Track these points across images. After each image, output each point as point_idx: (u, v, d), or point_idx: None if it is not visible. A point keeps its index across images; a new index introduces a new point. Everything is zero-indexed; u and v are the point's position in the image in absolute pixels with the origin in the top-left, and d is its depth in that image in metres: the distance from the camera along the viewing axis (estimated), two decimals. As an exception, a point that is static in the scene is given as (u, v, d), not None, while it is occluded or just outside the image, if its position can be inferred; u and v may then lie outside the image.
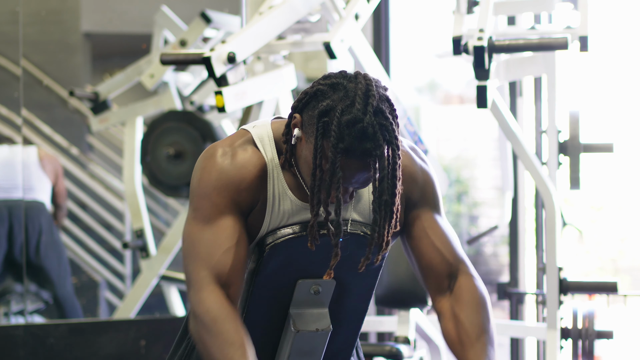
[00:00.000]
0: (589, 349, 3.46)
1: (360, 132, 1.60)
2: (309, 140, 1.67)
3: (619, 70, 6.93)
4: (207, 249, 1.69)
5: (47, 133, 4.84)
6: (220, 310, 1.66)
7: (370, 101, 1.61)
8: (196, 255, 1.70)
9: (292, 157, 1.73)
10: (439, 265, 1.80)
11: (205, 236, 1.70)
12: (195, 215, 1.72)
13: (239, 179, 1.71)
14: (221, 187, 1.71)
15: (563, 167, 3.67)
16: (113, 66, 5.04)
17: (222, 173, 1.71)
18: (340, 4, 3.02)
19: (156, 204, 5.09)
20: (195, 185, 1.74)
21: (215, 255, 1.69)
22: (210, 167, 1.72)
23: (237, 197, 1.71)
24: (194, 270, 1.70)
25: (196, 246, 1.71)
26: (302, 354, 1.84)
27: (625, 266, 7.47)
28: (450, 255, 1.81)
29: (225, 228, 1.70)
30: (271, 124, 1.79)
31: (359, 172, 1.64)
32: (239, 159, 1.72)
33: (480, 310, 1.78)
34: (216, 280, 1.68)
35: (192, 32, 3.95)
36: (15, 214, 4.28)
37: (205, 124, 4.04)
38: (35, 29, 4.63)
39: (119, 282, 5.04)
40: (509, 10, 3.63)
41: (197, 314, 1.67)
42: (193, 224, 1.72)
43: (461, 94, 8.01)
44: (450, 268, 1.81)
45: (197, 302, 1.68)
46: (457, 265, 1.81)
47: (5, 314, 4.33)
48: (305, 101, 1.69)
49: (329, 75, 1.69)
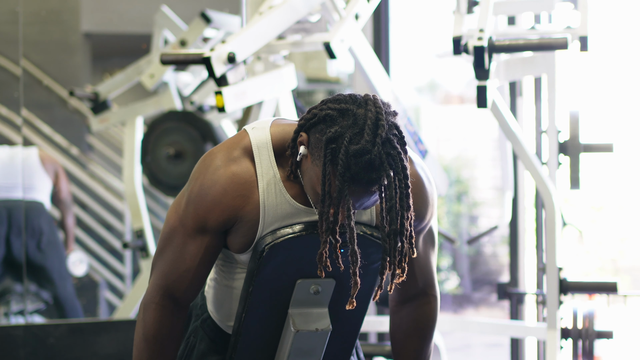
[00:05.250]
0: (589, 349, 3.46)
1: (368, 163, 1.61)
2: (315, 162, 1.67)
3: (619, 70, 6.93)
4: (173, 258, 1.79)
5: (47, 133, 4.84)
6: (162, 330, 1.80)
7: (379, 132, 1.62)
8: (164, 257, 1.80)
9: (298, 170, 1.74)
10: (409, 285, 1.88)
11: (177, 243, 1.78)
12: (179, 212, 1.79)
13: (216, 201, 1.74)
14: (199, 207, 1.75)
15: (563, 167, 3.67)
16: (113, 66, 5.04)
17: (203, 191, 1.75)
18: (340, 4, 3.02)
19: (156, 204, 5.09)
20: (190, 185, 1.79)
21: (177, 270, 1.78)
22: (201, 179, 1.77)
23: (211, 218, 1.75)
24: (157, 270, 1.81)
25: (168, 246, 1.79)
26: (302, 354, 1.84)
27: (625, 266, 7.47)
28: (422, 280, 1.90)
29: (194, 246, 1.77)
30: (271, 127, 1.79)
31: (365, 197, 1.66)
32: (226, 178, 1.75)
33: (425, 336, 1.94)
34: (169, 294, 1.80)
35: (192, 32, 3.95)
36: (14, 214, 4.28)
37: (205, 124, 4.04)
38: (35, 29, 4.63)
39: (119, 282, 5.04)
40: (509, 10, 3.63)
41: (144, 318, 1.81)
42: (176, 218, 1.79)
43: (461, 94, 8.01)
44: (416, 290, 1.91)
45: (147, 306, 1.81)
46: (424, 289, 1.91)
47: (5, 314, 4.33)
48: (313, 122, 1.68)
49: (339, 99, 1.69)
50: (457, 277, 7.88)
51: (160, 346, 1.80)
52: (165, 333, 1.80)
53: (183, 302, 1.81)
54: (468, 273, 7.71)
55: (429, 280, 1.91)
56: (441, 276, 7.90)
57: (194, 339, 1.94)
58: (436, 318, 1.95)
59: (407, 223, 1.66)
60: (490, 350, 6.13)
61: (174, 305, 1.80)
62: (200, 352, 1.92)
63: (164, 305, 1.79)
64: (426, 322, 1.93)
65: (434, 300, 1.93)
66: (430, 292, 1.92)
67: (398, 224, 1.65)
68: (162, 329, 1.80)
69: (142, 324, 1.81)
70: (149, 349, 1.80)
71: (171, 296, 1.80)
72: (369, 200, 1.67)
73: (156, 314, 1.79)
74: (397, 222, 1.65)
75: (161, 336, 1.80)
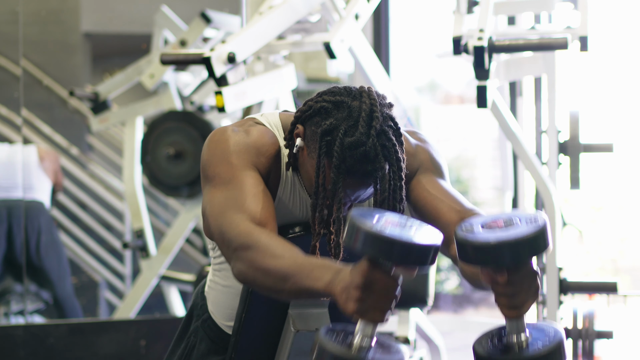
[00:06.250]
0: (589, 349, 3.46)
1: (362, 155, 1.60)
2: (311, 155, 1.67)
3: (619, 70, 6.93)
4: (233, 201, 1.62)
5: (47, 133, 4.84)
6: (254, 228, 1.59)
7: (373, 124, 1.61)
8: (224, 211, 1.62)
9: (295, 162, 1.74)
10: (447, 213, 1.72)
11: (229, 193, 1.64)
12: (213, 184, 1.67)
13: (258, 144, 1.69)
14: (240, 151, 1.68)
15: (563, 167, 3.67)
16: (113, 66, 5.04)
17: (239, 141, 1.69)
18: (340, 4, 3.03)
19: (156, 204, 5.09)
20: (207, 158, 1.70)
21: (244, 202, 1.62)
22: (224, 139, 1.70)
23: (256, 160, 1.69)
24: (225, 221, 1.61)
25: (222, 204, 1.64)
26: (302, 354, 1.84)
27: (625, 266, 7.48)
28: (458, 205, 1.74)
29: (248, 180, 1.66)
30: (279, 115, 1.79)
31: (359, 190, 1.65)
32: (254, 133, 1.71)
33: None
34: (251, 220, 1.61)
35: (192, 32, 3.95)
36: (14, 213, 4.28)
37: (205, 124, 4.05)
38: (35, 29, 4.64)
39: (119, 282, 5.04)
40: (509, 10, 3.63)
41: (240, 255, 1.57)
42: (213, 191, 1.66)
43: (461, 94, 8.02)
44: (460, 215, 1.71)
45: (239, 241, 1.58)
46: (467, 213, 1.71)
47: (5, 314, 4.33)
48: (309, 115, 1.68)
49: (334, 92, 1.68)
50: (457, 277, 7.88)
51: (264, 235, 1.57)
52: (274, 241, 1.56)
53: (269, 229, 1.61)
54: (468, 273, 7.69)
55: (468, 206, 1.72)
56: (441, 276, 7.90)
57: (195, 339, 1.94)
58: None
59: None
60: (490, 350, 6.11)
61: (262, 226, 1.61)
62: (201, 352, 1.92)
63: (254, 227, 1.59)
64: None
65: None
66: (474, 214, 1.69)
67: None
68: (272, 239, 1.57)
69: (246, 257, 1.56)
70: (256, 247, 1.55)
71: (253, 221, 1.60)
72: (364, 192, 1.66)
73: (254, 236, 1.56)
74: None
75: (274, 244, 1.55)
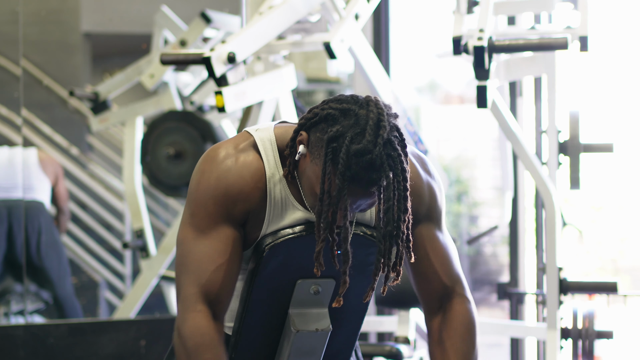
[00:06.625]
0: (589, 349, 3.46)
1: (369, 163, 1.60)
2: (315, 161, 1.67)
3: (619, 70, 6.93)
4: (199, 264, 1.70)
5: (47, 133, 4.84)
6: (203, 337, 1.68)
7: (381, 133, 1.61)
8: (188, 268, 1.71)
9: (295, 170, 1.74)
10: (434, 284, 1.82)
11: (199, 248, 1.71)
12: (191, 222, 1.73)
13: (236, 189, 1.71)
14: (218, 197, 1.71)
15: (563, 167, 3.67)
16: (113, 66, 5.05)
17: (220, 181, 1.71)
18: (340, 4, 3.02)
19: (156, 204, 5.09)
20: (193, 188, 1.74)
21: (206, 272, 1.70)
22: (209, 173, 1.72)
23: (232, 208, 1.71)
24: (184, 285, 1.71)
25: (189, 257, 1.71)
26: (302, 354, 1.84)
27: (625, 266, 7.48)
28: (447, 277, 1.82)
29: (218, 242, 1.71)
30: (274, 129, 1.79)
31: (363, 198, 1.65)
32: (239, 166, 1.72)
33: (467, 338, 1.81)
34: (204, 299, 1.70)
35: (192, 32, 3.95)
36: (14, 213, 4.28)
37: (205, 124, 4.04)
38: (35, 29, 4.64)
39: (119, 282, 5.05)
40: (509, 10, 3.63)
41: (181, 334, 1.69)
42: (188, 230, 1.72)
43: (461, 94, 8.01)
44: (445, 290, 1.82)
45: (182, 321, 1.70)
46: (453, 287, 1.82)
47: (5, 314, 4.33)
48: (314, 122, 1.68)
49: (340, 99, 1.68)
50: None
51: (208, 355, 1.68)
52: (207, 341, 1.68)
53: (219, 307, 1.71)
54: (468, 273, 7.71)
55: (454, 277, 1.82)
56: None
57: (194, 339, 1.94)
58: (475, 321, 1.82)
59: (404, 226, 1.65)
60: (490, 350, 6.13)
61: (211, 311, 1.70)
62: (200, 353, 1.92)
63: (200, 310, 1.69)
64: (466, 326, 1.81)
65: (467, 301, 1.82)
66: (461, 291, 1.82)
67: (394, 226, 1.65)
68: (205, 337, 1.68)
69: (180, 341, 1.69)
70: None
71: (207, 300, 1.70)
72: (366, 202, 1.66)
73: (195, 322, 1.68)
74: (393, 224, 1.64)
75: (204, 346, 1.68)
